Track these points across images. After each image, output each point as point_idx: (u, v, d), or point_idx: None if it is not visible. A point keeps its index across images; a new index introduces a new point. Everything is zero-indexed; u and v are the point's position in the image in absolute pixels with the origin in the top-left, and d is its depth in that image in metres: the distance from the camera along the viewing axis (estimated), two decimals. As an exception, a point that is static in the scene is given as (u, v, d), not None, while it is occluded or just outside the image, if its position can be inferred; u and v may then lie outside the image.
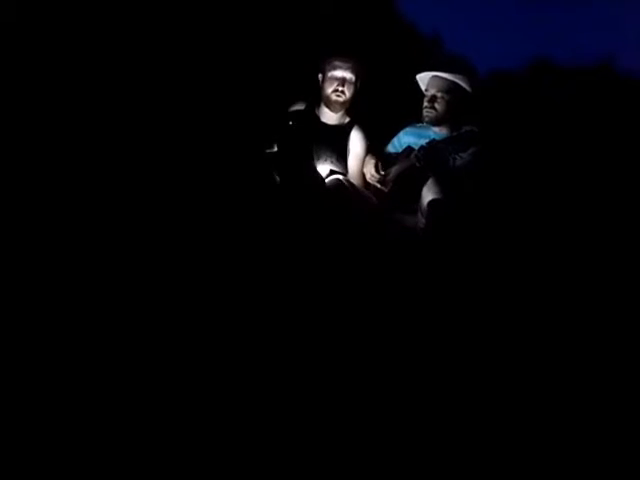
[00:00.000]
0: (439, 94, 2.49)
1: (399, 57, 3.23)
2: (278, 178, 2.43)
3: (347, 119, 2.66)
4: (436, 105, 2.49)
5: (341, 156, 2.59)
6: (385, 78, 3.03)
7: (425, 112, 2.52)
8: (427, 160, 2.36)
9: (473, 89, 2.51)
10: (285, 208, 2.33)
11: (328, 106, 2.59)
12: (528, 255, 2.29)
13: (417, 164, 2.37)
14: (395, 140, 2.64)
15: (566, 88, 3.88)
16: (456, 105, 2.51)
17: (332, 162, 2.57)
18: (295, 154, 2.41)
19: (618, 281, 2.18)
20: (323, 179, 2.48)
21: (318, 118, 2.64)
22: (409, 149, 2.46)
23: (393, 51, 3.33)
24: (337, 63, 2.55)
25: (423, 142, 2.49)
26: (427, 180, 2.30)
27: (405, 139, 2.59)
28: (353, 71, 2.55)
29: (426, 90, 2.55)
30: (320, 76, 2.61)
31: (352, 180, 2.51)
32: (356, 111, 2.67)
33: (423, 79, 2.58)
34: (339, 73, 2.54)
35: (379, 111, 2.80)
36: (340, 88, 2.54)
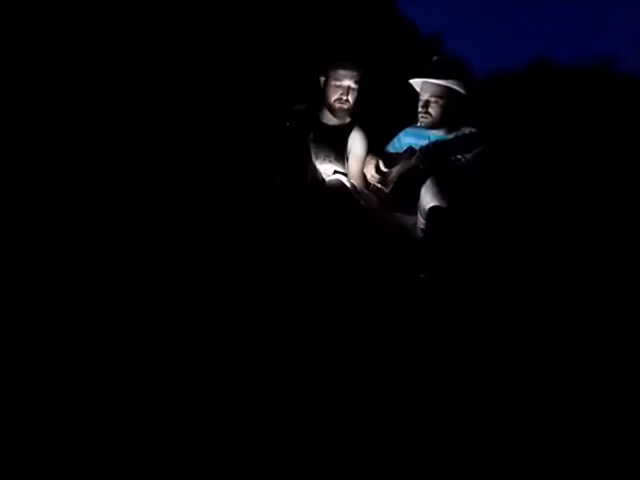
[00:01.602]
0: (432, 99, 2.50)
1: (399, 57, 3.23)
2: (278, 178, 2.43)
3: (347, 119, 2.66)
4: (430, 109, 2.50)
5: (340, 156, 2.59)
6: (385, 78, 3.03)
7: (420, 117, 2.54)
8: (429, 161, 2.36)
9: (469, 91, 2.51)
10: (285, 208, 2.32)
11: (332, 112, 2.60)
12: (528, 256, 2.29)
13: (420, 166, 2.37)
14: (395, 140, 2.64)
15: (566, 88, 3.88)
16: (451, 108, 2.51)
17: (331, 162, 2.56)
18: (295, 154, 2.41)
19: (618, 282, 2.18)
20: (323, 179, 2.47)
21: (318, 119, 2.64)
22: (410, 149, 2.46)
23: (393, 51, 3.33)
24: (342, 72, 2.55)
25: (423, 142, 2.50)
26: (426, 181, 2.30)
27: (405, 139, 2.59)
28: (357, 79, 2.56)
29: (420, 94, 2.56)
30: (322, 80, 2.60)
31: (352, 180, 2.51)
32: (356, 112, 2.67)
33: (417, 83, 2.59)
34: (344, 82, 2.55)
35: (379, 111, 2.79)
36: (344, 97, 2.55)
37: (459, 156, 2.42)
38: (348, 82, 2.55)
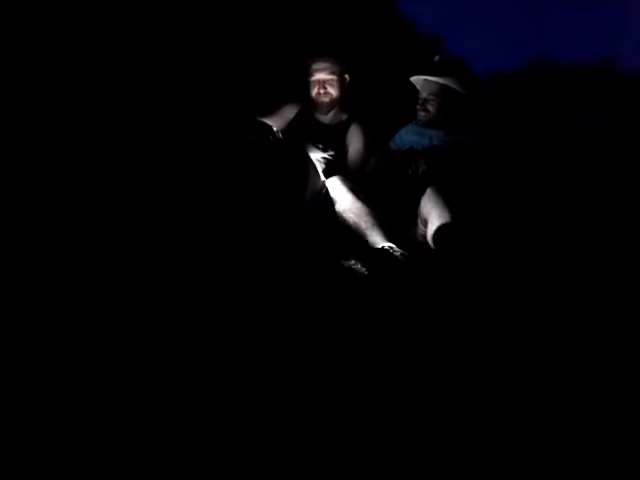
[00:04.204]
0: (430, 97, 2.56)
1: (400, 57, 3.24)
2: (277, 178, 2.42)
3: (345, 116, 2.67)
4: (428, 107, 2.56)
5: (339, 153, 2.58)
6: (386, 77, 3.04)
7: (418, 114, 2.59)
8: (427, 167, 2.37)
9: (467, 91, 2.55)
10: (284, 209, 2.31)
11: (316, 107, 2.65)
12: (530, 259, 2.28)
13: (417, 171, 2.38)
14: (397, 137, 2.66)
15: (566, 88, 3.89)
16: (449, 107, 2.56)
17: (331, 160, 2.56)
18: (293, 155, 2.40)
19: (619, 283, 2.18)
20: (323, 179, 2.47)
21: (315, 119, 2.66)
22: (411, 149, 2.47)
23: (394, 51, 3.34)
24: (315, 66, 2.62)
25: (424, 141, 2.52)
26: (426, 187, 2.30)
27: (407, 137, 2.61)
28: (331, 71, 2.61)
29: (420, 92, 2.60)
30: (309, 79, 2.66)
31: (351, 176, 2.49)
32: (354, 108, 2.68)
33: (416, 82, 2.63)
34: (318, 75, 2.61)
35: (380, 110, 2.81)
36: (322, 90, 2.61)
37: (459, 160, 2.43)
38: (322, 75, 2.60)
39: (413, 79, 2.65)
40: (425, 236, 2.26)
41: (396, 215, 2.43)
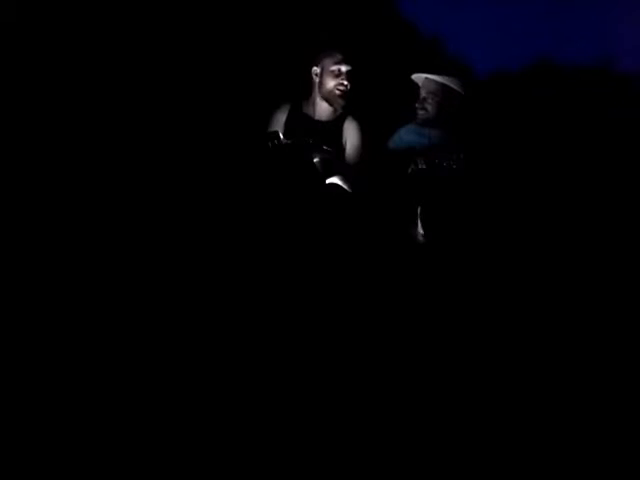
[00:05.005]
0: (429, 95, 2.56)
1: (399, 57, 3.24)
2: (276, 179, 2.41)
3: (339, 112, 2.61)
4: (427, 106, 2.56)
5: (337, 150, 2.54)
6: (386, 77, 3.04)
7: (417, 113, 2.59)
8: (427, 167, 2.38)
9: (466, 90, 2.56)
10: (283, 210, 2.31)
11: (329, 101, 2.52)
12: (531, 261, 2.28)
13: (417, 171, 2.38)
14: (396, 137, 2.66)
15: (567, 89, 3.88)
16: (447, 106, 2.57)
17: (331, 160, 2.54)
18: (291, 155, 2.39)
19: (618, 284, 2.18)
20: (322, 181, 2.45)
21: (308, 116, 2.57)
22: (410, 149, 2.48)
23: (394, 51, 3.33)
24: (341, 56, 2.47)
25: (424, 140, 2.53)
26: (425, 191, 2.31)
27: (406, 137, 2.62)
28: (354, 63, 2.49)
29: (420, 91, 2.61)
30: (316, 70, 2.53)
31: (351, 175, 2.47)
32: (349, 104, 2.62)
33: (418, 79, 2.65)
34: (344, 67, 2.47)
35: (380, 110, 2.80)
36: (345, 82, 2.47)
37: (455, 165, 2.43)
38: (348, 67, 2.47)
39: (415, 76, 2.64)
40: (424, 237, 2.27)
41: (396, 215, 2.43)
